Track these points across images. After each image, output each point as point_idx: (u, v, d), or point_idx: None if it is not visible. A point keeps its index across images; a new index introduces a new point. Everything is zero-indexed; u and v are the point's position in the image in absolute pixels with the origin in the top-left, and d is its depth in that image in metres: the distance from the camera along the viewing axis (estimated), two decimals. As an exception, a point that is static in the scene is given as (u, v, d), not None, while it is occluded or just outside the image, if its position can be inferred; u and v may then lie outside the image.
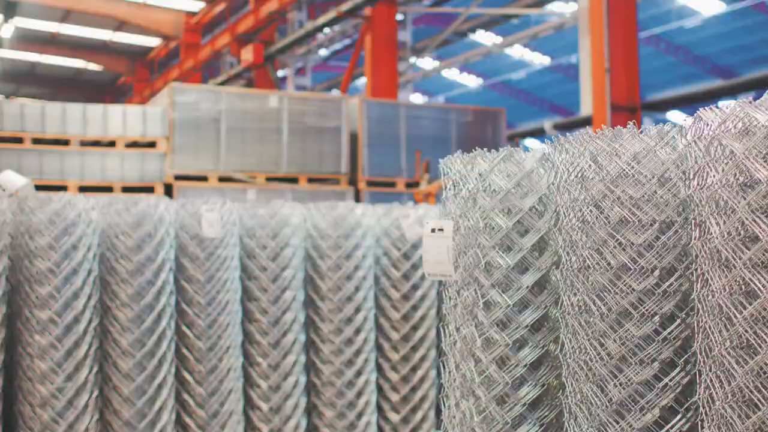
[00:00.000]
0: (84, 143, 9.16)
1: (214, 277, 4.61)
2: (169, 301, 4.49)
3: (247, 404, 4.82)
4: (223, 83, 18.03)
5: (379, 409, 5.04)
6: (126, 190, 9.04)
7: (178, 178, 9.30)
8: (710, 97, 11.73)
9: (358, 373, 4.88)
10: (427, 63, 22.71)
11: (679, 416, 1.95)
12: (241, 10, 19.39)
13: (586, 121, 10.88)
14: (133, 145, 9.36)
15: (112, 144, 9.25)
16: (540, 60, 26.34)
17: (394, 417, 4.99)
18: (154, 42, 22.57)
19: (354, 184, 10.13)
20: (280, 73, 19.41)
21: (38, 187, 8.71)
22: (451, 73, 27.53)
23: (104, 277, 4.46)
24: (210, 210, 4.62)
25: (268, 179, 9.68)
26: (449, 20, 17.43)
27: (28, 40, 21.48)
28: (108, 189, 9.01)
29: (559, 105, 28.04)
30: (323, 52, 20.50)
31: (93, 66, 23.74)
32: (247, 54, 16.28)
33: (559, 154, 2.16)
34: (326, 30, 16.80)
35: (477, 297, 2.41)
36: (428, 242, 2.53)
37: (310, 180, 9.91)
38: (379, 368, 5.03)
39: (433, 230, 2.54)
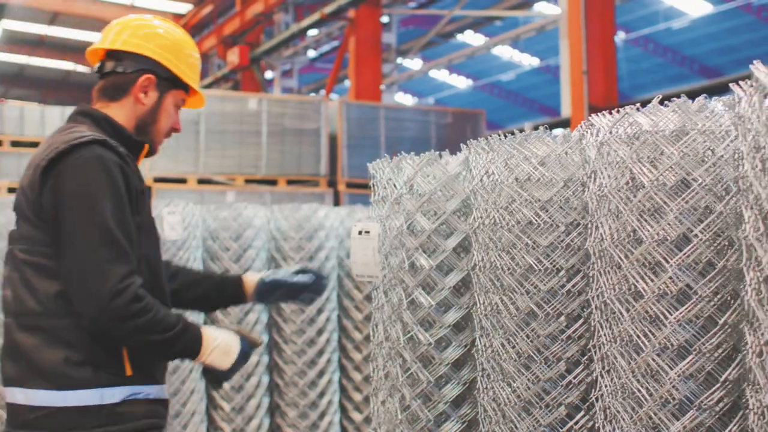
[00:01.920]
0: (63, 146, 9.20)
1: (176, 279, 4.65)
2: (130, 303, 4.53)
3: (210, 404, 4.87)
4: (209, 85, 18.05)
5: (343, 408, 5.09)
6: (105, 192, 9.06)
7: (157, 180, 9.34)
8: (688, 98, 11.77)
9: (321, 374, 4.93)
10: (415, 64, 22.78)
11: (582, 413, 2.01)
12: (228, 12, 19.43)
13: (566, 123, 10.96)
14: (112, 147, 9.40)
15: (90, 146, 9.29)
16: (529, 61, 26.42)
17: (357, 417, 5.04)
18: (142, 44, 22.58)
19: (333, 186, 10.18)
20: (269, 74, 19.46)
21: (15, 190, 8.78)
22: (441, 75, 27.60)
23: (66, 278, 4.50)
24: (172, 213, 4.66)
25: (247, 181, 9.72)
26: (439, 22, 17.47)
27: (16, 42, 21.50)
28: (87, 191, 9.03)
29: (549, 106, 28.11)
30: (312, 53, 20.54)
31: (82, 68, 23.76)
32: (233, 56, 16.31)
33: (474, 158, 2.22)
34: (312, 32, 16.85)
35: (402, 297, 2.46)
36: (355, 244, 2.59)
37: (290, 182, 9.95)
38: (342, 368, 5.09)
39: (360, 233, 2.59)
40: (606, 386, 1.80)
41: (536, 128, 2.15)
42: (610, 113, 1.84)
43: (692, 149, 1.69)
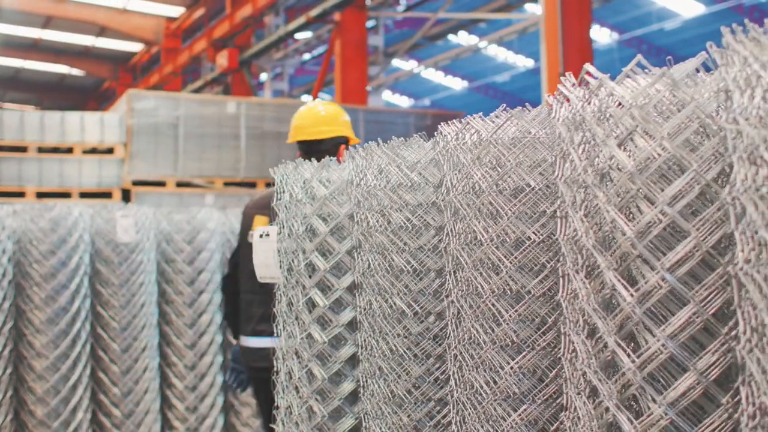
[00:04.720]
0: (42, 150, 9.31)
1: (129, 281, 4.76)
2: (83, 304, 4.63)
3: (165, 403, 4.97)
4: (200, 88, 18.16)
5: (297, 407, 5.18)
6: (84, 195, 9.18)
7: (135, 183, 9.44)
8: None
9: (274, 373, 5.02)
10: (410, 65, 22.86)
11: (449, 407, 2.09)
12: (220, 15, 19.53)
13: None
14: (92, 151, 9.51)
15: (69, 150, 9.40)
16: (524, 63, 26.48)
17: (311, 415, 5.12)
18: (135, 47, 22.73)
19: (312, 188, 10.27)
20: (263, 77, 19.55)
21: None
22: (437, 76, 27.70)
23: (19, 281, 4.61)
24: (125, 216, 4.76)
25: (226, 184, 9.83)
26: (433, 24, 17.55)
27: (10, 46, 21.63)
28: (66, 195, 9.15)
29: (543, 107, 28.13)
30: (306, 56, 20.64)
31: (76, 71, 23.89)
32: (222, 59, 16.41)
33: (353, 164, 2.31)
34: (300, 35, 16.93)
35: (300, 297, 2.55)
36: (257, 247, 2.68)
37: (268, 184, 10.05)
38: (296, 368, 5.17)
39: (261, 235, 2.68)
40: (456, 382, 1.89)
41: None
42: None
43: (529, 156, 1.78)
